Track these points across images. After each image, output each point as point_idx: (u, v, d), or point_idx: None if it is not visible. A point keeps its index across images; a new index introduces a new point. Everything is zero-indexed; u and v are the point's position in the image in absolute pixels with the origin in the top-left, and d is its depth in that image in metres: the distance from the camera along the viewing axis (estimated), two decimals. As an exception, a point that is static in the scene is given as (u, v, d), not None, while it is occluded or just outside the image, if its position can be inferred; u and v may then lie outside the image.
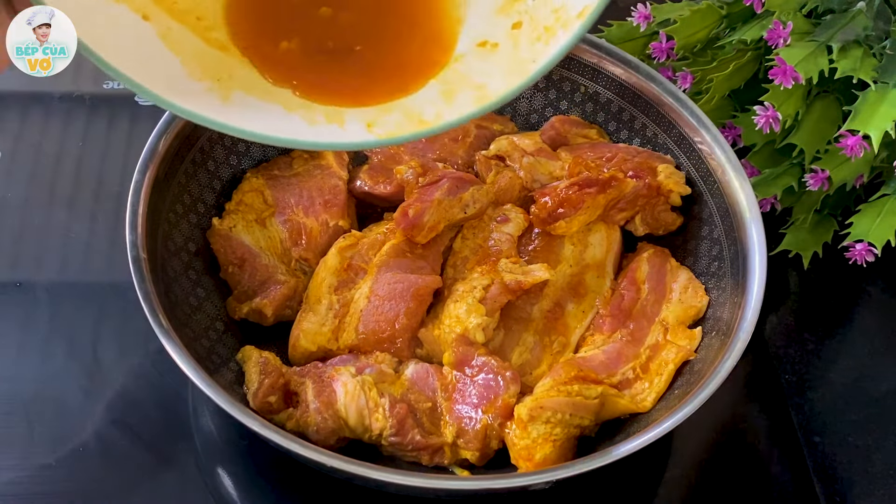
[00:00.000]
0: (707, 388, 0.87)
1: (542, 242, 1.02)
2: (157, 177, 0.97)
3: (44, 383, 1.01)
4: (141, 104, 1.23)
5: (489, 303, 0.95)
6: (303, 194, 1.04)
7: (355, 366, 0.94)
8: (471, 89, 0.80)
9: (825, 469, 1.01)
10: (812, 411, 1.05)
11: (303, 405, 0.91)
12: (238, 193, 1.04)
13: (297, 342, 0.96)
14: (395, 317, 0.96)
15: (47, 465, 0.96)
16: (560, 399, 0.90)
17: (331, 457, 0.84)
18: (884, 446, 1.03)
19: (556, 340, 0.99)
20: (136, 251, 0.91)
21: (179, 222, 1.00)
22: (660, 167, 1.05)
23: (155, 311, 0.88)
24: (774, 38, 1.05)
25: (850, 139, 1.01)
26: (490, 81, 0.80)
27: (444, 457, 0.92)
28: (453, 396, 0.93)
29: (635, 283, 1.01)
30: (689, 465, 1.01)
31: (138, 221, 0.93)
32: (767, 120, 1.04)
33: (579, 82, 1.11)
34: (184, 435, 0.99)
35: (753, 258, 0.96)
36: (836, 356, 1.10)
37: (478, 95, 0.79)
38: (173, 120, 0.99)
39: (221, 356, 0.96)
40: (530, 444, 0.90)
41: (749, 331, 0.91)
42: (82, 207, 1.14)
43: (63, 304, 1.07)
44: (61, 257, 1.10)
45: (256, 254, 1.00)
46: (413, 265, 0.99)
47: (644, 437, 0.85)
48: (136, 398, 1.01)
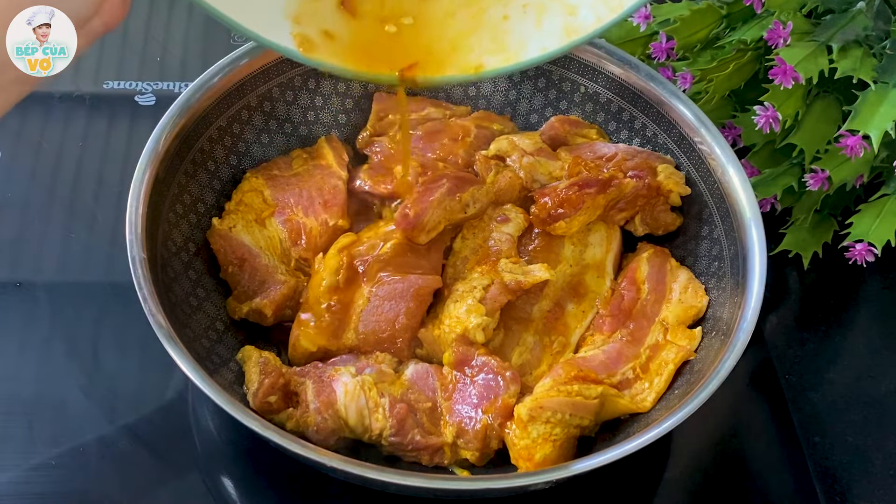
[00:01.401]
0: (707, 387, 0.87)
1: (541, 242, 1.02)
2: (157, 177, 0.97)
3: (44, 383, 1.01)
4: (141, 104, 1.23)
5: (489, 303, 0.95)
6: (302, 194, 1.04)
7: (355, 366, 0.94)
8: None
9: (825, 469, 1.01)
10: (812, 411, 1.05)
11: (303, 405, 0.91)
12: (238, 193, 1.04)
13: (297, 342, 0.96)
14: (395, 317, 0.96)
15: (47, 465, 0.96)
16: (560, 399, 0.90)
17: (330, 457, 0.84)
18: (884, 446, 1.03)
19: (556, 340, 0.99)
20: (136, 251, 0.91)
21: (179, 222, 1.00)
22: (660, 167, 1.05)
23: (155, 312, 0.88)
24: (774, 39, 1.05)
25: (850, 139, 1.01)
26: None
27: (444, 457, 0.92)
28: (453, 396, 0.93)
29: (635, 283, 1.01)
30: (689, 465, 1.02)
31: (138, 221, 0.92)
32: (767, 120, 1.04)
33: (579, 82, 1.11)
34: (184, 435, 0.99)
35: (753, 258, 0.96)
36: (836, 356, 1.10)
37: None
38: (173, 120, 0.99)
39: (221, 356, 0.96)
40: (530, 444, 0.90)
41: (749, 331, 0.90)
42: (82, 207, 1.14)
43: (63, 304, 1.07)
44: (61, 257, 1.10)
45: (256, 254, 1.00)
46: (413, 265, 0.99)
47: (644, 436, 0.85)
48: (136, 398, 1.01)
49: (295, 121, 1.10)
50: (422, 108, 1.12)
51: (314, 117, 1.11)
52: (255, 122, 1.07)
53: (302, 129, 1.11)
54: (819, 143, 1.07)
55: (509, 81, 1.14)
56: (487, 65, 0.83)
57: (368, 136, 1.10)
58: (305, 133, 1.11)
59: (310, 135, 1.11)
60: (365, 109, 1.12)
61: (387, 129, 1.10)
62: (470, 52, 0.84)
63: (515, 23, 0.84)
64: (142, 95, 1.24)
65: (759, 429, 1.05)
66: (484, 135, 1.10)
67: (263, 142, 1.08)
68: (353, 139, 1.12)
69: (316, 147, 1.09)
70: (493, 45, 0.84)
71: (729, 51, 1.13)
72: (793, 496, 0.99)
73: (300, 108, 1.10)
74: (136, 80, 1.26)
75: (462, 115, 1.12)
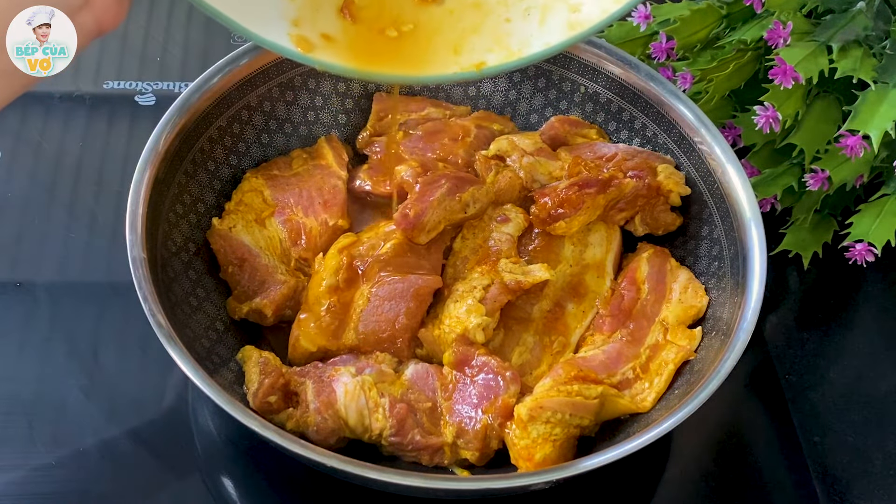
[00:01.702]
0: (707, 387, 0.86)
1: (542, 242, 1.02)
2: (157, 177, 0.97)
3: (44, 383, 1.01)
4: (141, 104, 1.23)
5: (489, 303, 0.95)
6: (302, 194, 1.04)
7: (355, 366, 0.94)
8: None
9: (825, 469, 1.01)
10: (812, 411, 1.05)
11: (303, 405, 0.91)
12: (237, 193, 1.04)
13: (297, 342, 0.96)
14: (396, 317, 0.96)
15: (47, 465, 0.96)
16: (560, 399, 0.90)
17: (330, 457, 0.84)
18: (884, 446, 1.03)
19: (556, 340, 0.99)
20: (137, 251, 0.91)
21: (179, 222, 1.00)
22: (660, 167, 1.04)
23: (155, 311, 0.88)
24: (774, 38, 1.05)
25: (850, 139, 1.01)
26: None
27: (444, 457, 0.92)
28: (453, 396, 0.93)
29: (635, 283, 1.01)
30: (689, 465, 1.02)
31: (138, 221, 0.92)
32: (767, 120, 1.04)
33: (579, 82, 1.11)
34: (184, 435, 0.99)
35: (753, 258, 0.96)
36: (837, 356, 1.10)
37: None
38: (173, 120, 0.99)
39: (221, 356, 0.96)
40: (530, 444, 0.89)
41: (749, 331, 0.90)
42: (82, 207, 1.14)
43: (63, 304, 1.07)
44: (61, 257, 1.10)
45: (256, 254, 1.00)
46: (413, 265, 0.98)
47: (644, 436, 0.85)
48: (137, 398, 1.01)
49: (295, 121, 1.10)
50: (422, 108, 1.12)
51: (314, 117, 1.11)
52: (256, 122, 1.07)
53: (302, 129, 1.10)
54: (819, 143, 1.07)
55: (509, 81, 1.14)
56: (489, 62, 0.83)
57: (368, 136, 1.10)
58: (305, 133, 1.11)
59: (310, 135, 1.11)
60: (365, 109, 1.12)
61: (387, 129, 1.10)
62: (472, 51, 0.84)
63: (518, 24, 0.84)
64: (142, 95, 1.24)
65: (758, 429, 1.05)
66: (484, 135, 1.10)
67: (263, 142, 1.08)
68: (353, 139, 1.12)
69: (316, 147, 1.09)
70: (495, 44, 0.84)
71: (729, 51, 1.13)
72: (793, 496, 1.00)
73: (300, 108, 1.10)
74: (137, 80, 1.26)
75: (462, 115, 1.12)
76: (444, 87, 1.14)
